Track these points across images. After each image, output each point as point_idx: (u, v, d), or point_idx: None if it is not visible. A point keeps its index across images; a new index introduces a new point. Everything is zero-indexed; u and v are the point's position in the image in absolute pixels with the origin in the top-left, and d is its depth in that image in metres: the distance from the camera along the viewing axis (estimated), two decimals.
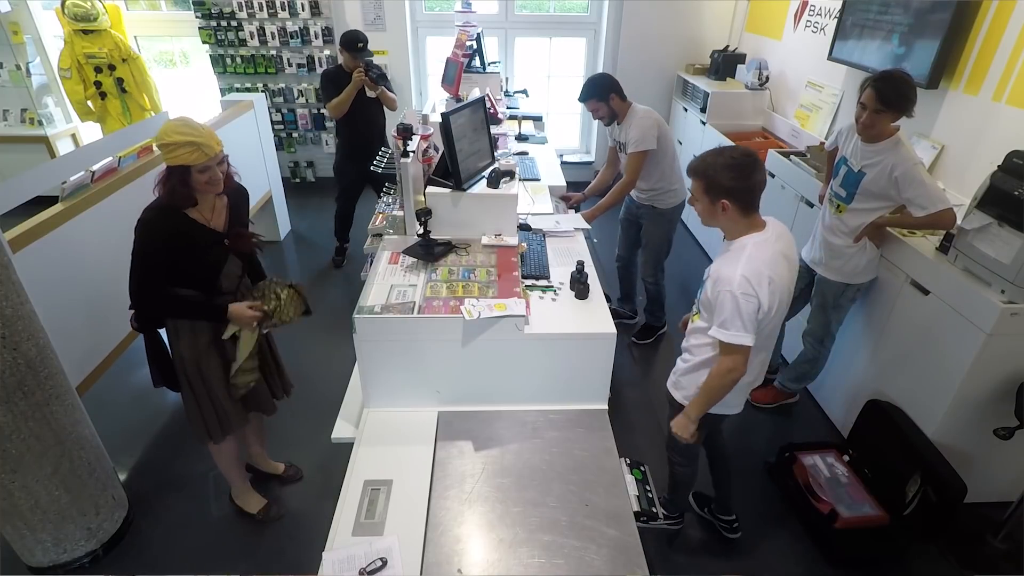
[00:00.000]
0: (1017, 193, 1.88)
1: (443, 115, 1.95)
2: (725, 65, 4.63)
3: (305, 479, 2.48)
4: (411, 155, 1.98)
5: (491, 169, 2.13)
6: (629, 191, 3.07)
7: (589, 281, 1.92)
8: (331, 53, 5.01)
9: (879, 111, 2.15)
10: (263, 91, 5.08)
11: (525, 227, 2.33)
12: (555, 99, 5.62)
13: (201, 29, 4.89)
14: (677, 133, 4.91)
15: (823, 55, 3.57)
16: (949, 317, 2.14)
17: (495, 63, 4.06)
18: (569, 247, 2.25)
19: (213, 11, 4.83)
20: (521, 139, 3.76)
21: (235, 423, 2.02)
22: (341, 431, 1.86)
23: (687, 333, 1.87)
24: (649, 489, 2.26)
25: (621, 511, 1.52)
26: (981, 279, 2.04)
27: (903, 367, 2.39)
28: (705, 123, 4.42)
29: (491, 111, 3.20)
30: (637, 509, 2.16)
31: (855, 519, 2.17)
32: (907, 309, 2.35)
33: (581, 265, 1.93)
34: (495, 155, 2.32)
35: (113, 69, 4.56)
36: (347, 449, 1.71)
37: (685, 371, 1.85)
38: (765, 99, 4.40)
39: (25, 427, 1.84)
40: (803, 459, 2.39)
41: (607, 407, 1.85)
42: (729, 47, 4.77)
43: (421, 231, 2.01)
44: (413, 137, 2.11)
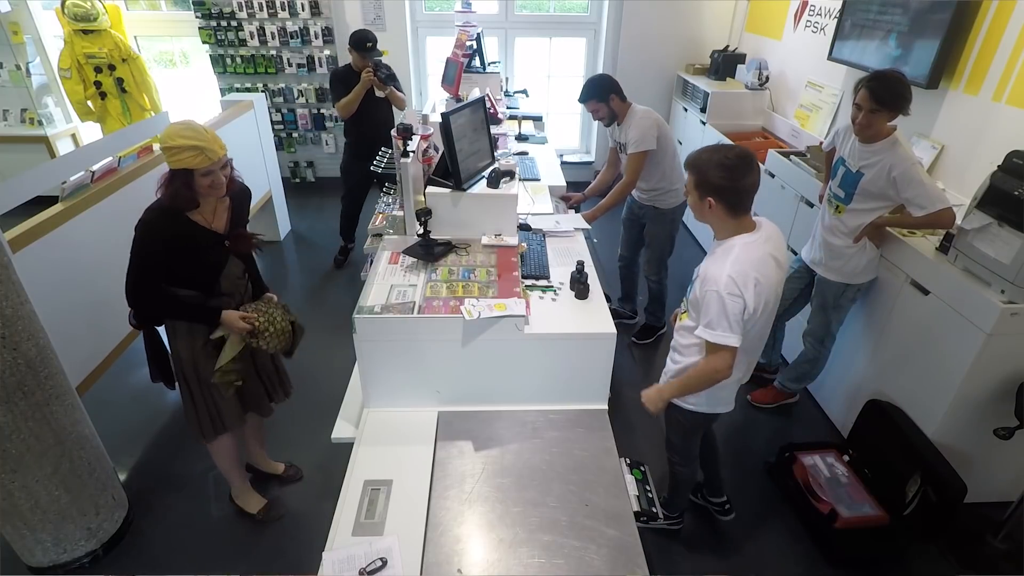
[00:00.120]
0: (1017, 193, 1.88)
1: (443, 115, 1.95)
2: (725, 65, 4.63)
3: (305, 479, 2.48)
4: (411, 155, 1.98)
5: (491, 169, 2.13)
6: (629, 192, 3.08)
7: (589, 281, 1.93)
8: (331, 53, 5.01)
9: (874, 111, 2.15)
10: (263, 91, 5.08)
11: (525, 227, 2.33)
12: (555, 99, 5.62)
13: (201, 29, 4.89)
14: (677, 133, 4.91)
15: (823, 55, 3.57)
16: (949, 317, 2.14)
17: (495, 63, 4.06)
18: (569, 247, 2.25)
19: (213, 11, 4.83)
20: (521, 139, 3.75)
21: (229, 423, 2.03)
22: (341, 431, 1.86)
23: (676, 331, 1.88)
24: (649, 489, 2.27)
25: (621, 511, 1.52)
26: (981, 279, 2.04)
27: (903, 367, 2.39)
28: (705, 123, 4.42)
29: (491, 111, 3.20)
30: (637, 509, 2.17)
31: (855, 519, 2.17)
32: (907, 309, 2.36)
33: (581, 265, 1.93)
34: (495, 155, 2.31)
35: (113, 69, 4.56)
36: (347, 449, 1.72)
37: (676, 372, 1.86)
38: (765, 99, 4.40)
39: (25, 427, 1.84)
40: (803, 459, 2.39)
41: (607, 407, 1.85)
42: (729, 47, 4.76)
43: (421, 231, 2.01)
44: (413, 137, 2.12)
